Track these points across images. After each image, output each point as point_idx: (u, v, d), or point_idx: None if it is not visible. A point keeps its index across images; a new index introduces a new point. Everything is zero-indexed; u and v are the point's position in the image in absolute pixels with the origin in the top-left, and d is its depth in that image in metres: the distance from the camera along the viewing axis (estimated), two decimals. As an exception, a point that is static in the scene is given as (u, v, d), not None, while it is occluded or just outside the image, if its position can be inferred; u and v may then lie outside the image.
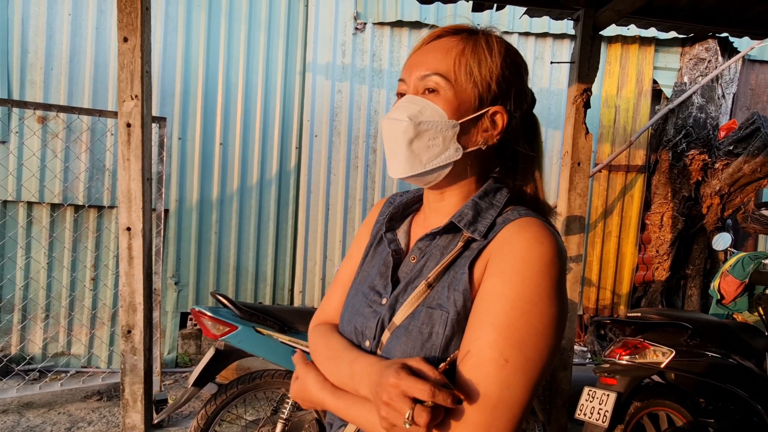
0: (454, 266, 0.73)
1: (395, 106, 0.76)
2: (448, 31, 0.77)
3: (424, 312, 0.72)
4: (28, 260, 3.70)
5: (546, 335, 0.64)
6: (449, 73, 0.73)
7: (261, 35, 4.00)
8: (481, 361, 0.63)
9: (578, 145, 2.67)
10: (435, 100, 0.73)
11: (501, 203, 0.75)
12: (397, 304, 0.76)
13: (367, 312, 0.79)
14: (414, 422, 0.57)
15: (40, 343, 3.73)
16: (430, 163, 0.74)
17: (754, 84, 4.84)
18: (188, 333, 4.01)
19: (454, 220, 0.75)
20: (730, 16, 2.83)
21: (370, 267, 0.86)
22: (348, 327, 0.82)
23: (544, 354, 0.64)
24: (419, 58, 0.76)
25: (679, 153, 4.43)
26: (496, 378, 0.62)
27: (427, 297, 0.73)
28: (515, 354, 0.62)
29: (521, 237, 0.68)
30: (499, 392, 0.61)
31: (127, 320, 2.08)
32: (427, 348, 0.69)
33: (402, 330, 0.72)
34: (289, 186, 4.15)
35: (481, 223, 0.73)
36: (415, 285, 0.75)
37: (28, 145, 3.59)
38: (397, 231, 0.85)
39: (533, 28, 4.26)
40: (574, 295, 2.69)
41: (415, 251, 0.79)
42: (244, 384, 2.04)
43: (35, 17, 3.65)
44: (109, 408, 3.19)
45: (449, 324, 0.69)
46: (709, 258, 4.60)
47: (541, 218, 0.73)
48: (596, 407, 2.31)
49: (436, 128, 0.73)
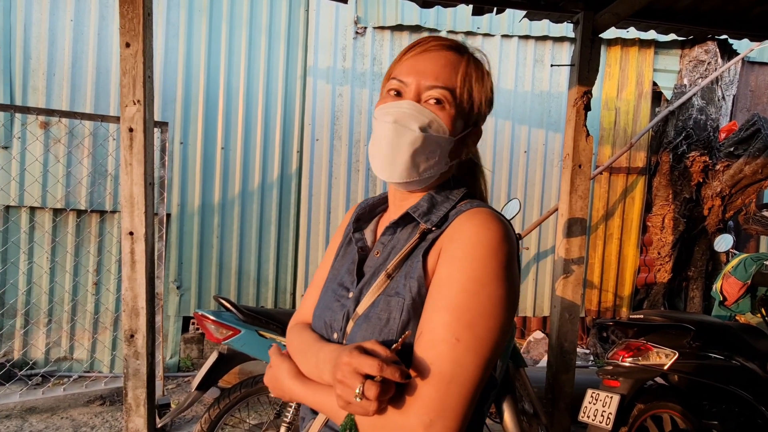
0: (411, 257, 0.76)
1: (398, 110, 0.76)
2: (451, 46, 0.79)
3: (383, 300, 0.75)
4: (30, 265, 3.71)
5: (496, 315, 0.67)
6: (455, 90, 0.77)
7: (262, 40, 4.02)
8: (434, 341, 0.66)
9: (579, 147, 2.68)
10: (440, 115, 0.76)
11: (456, 198, 0.80)
12: (361, 296, 0.79)
13: (336, 306, 0.83)
14: (365, 396, 0.60)
15: (42, 348, 3.73)
16: (425, 173, 0.78)
17: (754, 85, 4.85)
18: (190, 337, 4.01)
19: (410, 211, 0.79)
20: (729, 18, 2.83)
21: (340, 266, 0.90)
22: (318, 322, 0.86)
23: (494, 333, 0.66)
24: (426, 65, 0.77)
25: (680, 155, 4.44)
26: (448, 357, 0.65)
27: (387, 287, 0.76)
28: (466, 333, 0.65)
29: (470, 224, 0.72)
30: (451, 370, 0.64)
31: (130, 324, 2.09)
32: (384, 333, 0.73)
33: (363, 318, 0.76)
34: (291, 190, 4.16)
35: (434, 214, 0.78)
36: (377, 277, 0.79)
37: (30, 150, 3.60)
38: (365, 231, 0.90)
39: (533, 32, 4.27)
40: (576, 297, 2.69)
41: (378, 246, 0.84)
42: (247, 388, 2.04)
43: (38, 23, 3.68)
44: (112, 413, 3.19)
45: (405, 309, 0.72)
46: (711, 260, 4.59)
47: (491, 208, 0.77)
48: (599, 410, 2.30)
49: (438, 142, 0.77)
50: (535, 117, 4.41)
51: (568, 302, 2.67)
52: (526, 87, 4.38)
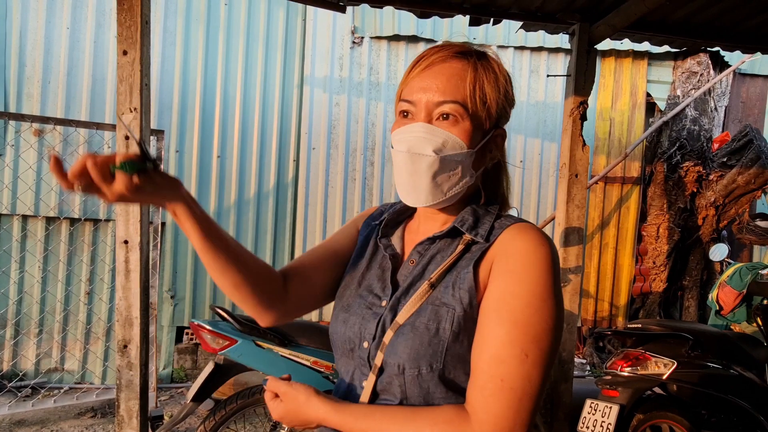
0: (456, 267, 0.76)
1: (410, 136, 0.75)
2: (456, 53, 0.76)
3: (430, 309, 0.74)
4: (22, 274, 3.65)
5: (555, 329, 0.69)
6: (466, 101, 0.74)
7: (259, 49, 4.02)
8: (502, 356, 0.67)
9: (575, 157, 2.69)
10: (454, 131, 0.74)
11: (495, 210, 0.81)
12: (399, 305, 0.78)
13: (367, 314, 0.81)
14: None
15: (33, 359, 3.66)
16: (450, 191, 0.77)
17: (745, 97, 4.92)
18: (184, 348, 3.96)
19: (457, 225, 0.79)
20: (722, 31, 2.87)
21: (365, 270, 0.87)
22: (342, 327, 0.83)
23: (555, 347, 0.69)
24: (430, 81, 0.75)
25: (674, 165, 4.47)
26: (518, 372, 0.66)
27: (430, 296, 0.75)
28: (534, 348, 0.67)
29: (524, 240, 0.73)
30: (522, 386, 0.66)
31: (124, 335, 2.05)
32: (434, 344, 0.72)
33: (408, 327, 0.74)
34: (287, 199, 4.14)
35: (481, 227, 0.78)
36: (417, 287, 0.78)
37: (24, 158, 3.56)
38: (391, 237, 0.89)
39: (528, 42, 4.31)
40: (573, 306, 2.69)
41: (414, 255, 0.82)
42: (243, 399, 2.01)
43: (33, 30, 3.66)
44: (104, 425, 3.13)
45: (456, 320, 0.72)
46: (706, 269, 4.62)
47: (532, 224, 0.79)
48: (599, 420, 2.29)
49: (457, 159, 0.75)
50: (530, 127, 4.44)
51: (566, 312, 2.67)
52: (521, 97, 4.40)
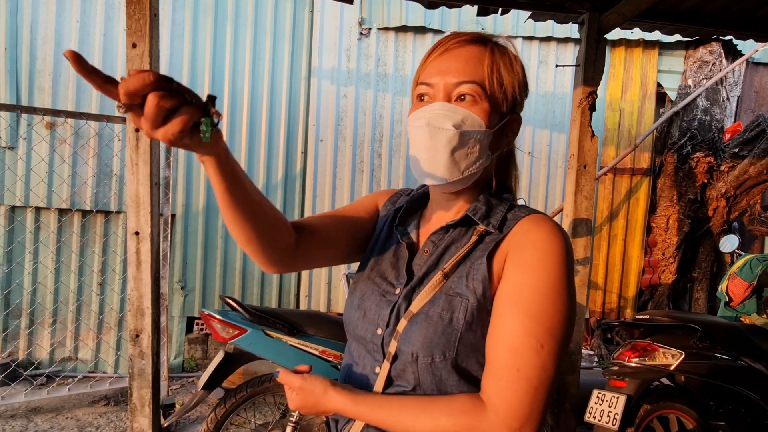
0: (470, 257, 0.76)
1: (430, 113, 0.75)
2: (472, 39, 0.77)
3: (444, 299, 0.74)
4: (35, 265, 3.72)
5: (568, 320, 0.70)
6: (484, 82, 0.75)
7: (267, 41, 4.03)
8: (518, 346, 0.68)
9: (584, 147, 2.67)
10: (473, 109, 0.75)
11: (509, 200, 0.81)
12: (413, 294, 0.78)
13: (382, 301, 0.81)
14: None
15: (47, 348, 3.74)
16: (467, 170, 0.77)
17: (758, 86, 4.84)
18: (195, 338, 4.02)
19: (470, 214, 0.79)
20: (734, 19, 2.83)
21: (379, 255, 0.88)
22: (356, 313, 0.84)
23: (568, 338, 0.70)
24: (449, 63, 0.75)
25: (685, 156, 4.42)
26: (534, 363, 0.67)
27: (444, 286, 0.76)
28: (549, 339, 0.68)
29: (539, 231, 0.73)
30: (538, 375, 0.67)
31: (135, 324, 2.09)
32: (447, 333, 0.73)
33: (422, 316, 0.75)
34: (295, 190, 4.16)
35: (494, 218, 0.78)
36: (431, 276, 0.78)
37: (36, 150, 3.61)
38: (407, 226, 0.89)
39: (537, 32, 4.27)
40: (581, 298, 2.68)
41: (428, 245, 0.82)
42: (253, 387, 2.04)
43: (44, 24, 3.69)
44: (117, 413, 3.20)
45: (469, 310, 0.73)
46: (716, 261, 4.58)
47: (546, 215, 0.79)
48: (606, 410, 2.30)
49: (476, 137, 0.75)
50: (539, 118, 4.41)
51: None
52: (530, 88, 4.36)
